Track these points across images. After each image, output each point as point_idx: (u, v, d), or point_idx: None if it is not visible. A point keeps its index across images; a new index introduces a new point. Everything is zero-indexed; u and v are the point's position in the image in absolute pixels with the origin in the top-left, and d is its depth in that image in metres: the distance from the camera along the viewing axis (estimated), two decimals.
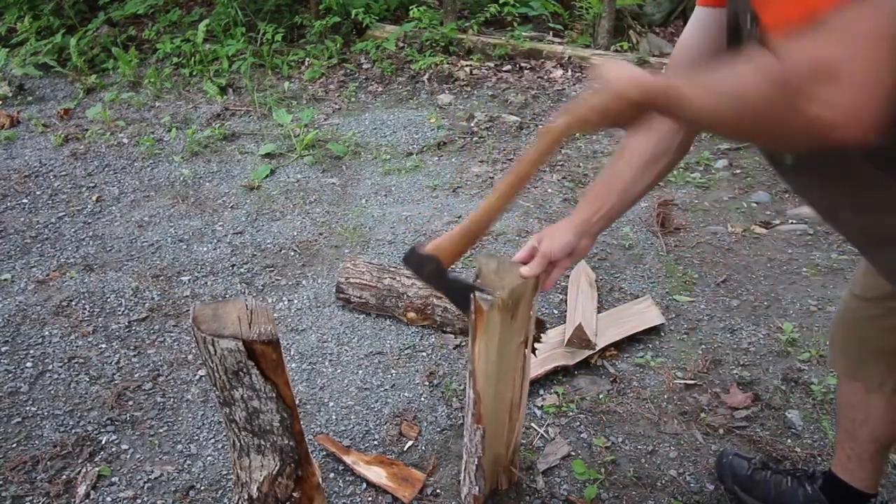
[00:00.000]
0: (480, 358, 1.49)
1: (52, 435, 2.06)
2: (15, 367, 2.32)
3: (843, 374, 1.55)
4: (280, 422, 1.36)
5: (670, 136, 1.35)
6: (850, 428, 1.56)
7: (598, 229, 1.41)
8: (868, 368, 1.47)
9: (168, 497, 1.86)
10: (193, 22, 5.57)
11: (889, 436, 1.53)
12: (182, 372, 2.32)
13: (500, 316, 1.42)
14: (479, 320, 1.43)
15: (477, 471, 1.67)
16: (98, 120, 4.33)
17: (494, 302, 1.39)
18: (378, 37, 5.42)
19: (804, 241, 3.01)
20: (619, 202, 1.39)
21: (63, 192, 3.55)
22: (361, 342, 2.45)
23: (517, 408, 1.65)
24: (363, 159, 3.89)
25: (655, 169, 1.37)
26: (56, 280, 2.81)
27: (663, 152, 1.36)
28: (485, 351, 1.48)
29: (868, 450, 1.55)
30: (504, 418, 1.64)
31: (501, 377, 1.55)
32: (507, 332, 1.47)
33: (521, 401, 1.65)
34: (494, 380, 1.53)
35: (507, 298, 1.40)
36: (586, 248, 1.41)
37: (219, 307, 1.31)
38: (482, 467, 1.67)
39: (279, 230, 3.19)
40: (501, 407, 1.61)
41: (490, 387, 1.54)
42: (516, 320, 1.46)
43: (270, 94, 4.70)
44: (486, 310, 1.40)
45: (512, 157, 3.84)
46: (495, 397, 1.57)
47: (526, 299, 1.45)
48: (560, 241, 1.38)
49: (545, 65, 5.12)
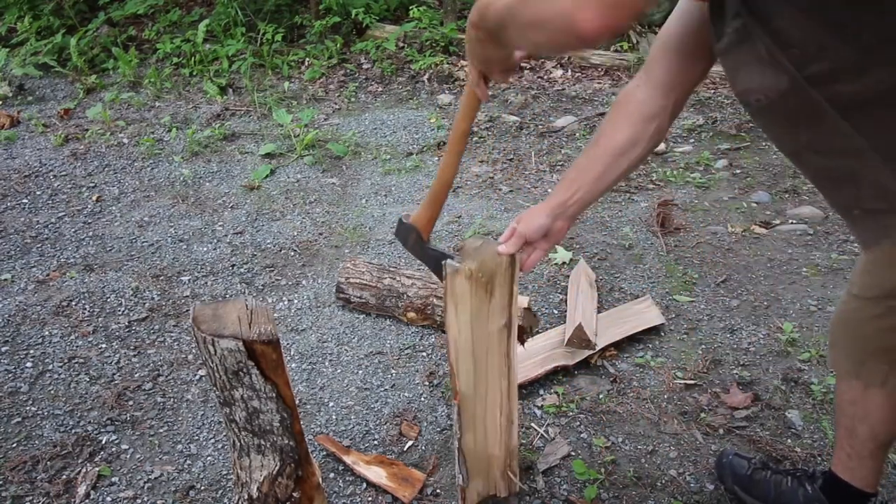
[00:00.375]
0: (451, 327, 1.51)
1: (52, 435, 2.06)
2: (15, 367, 2.32)
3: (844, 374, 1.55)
4: (280, 422, 1.36)
5: (644, 124, 1.39)
6: (850, 425, 1.55)
7: (573, 213, 1.46)
8: (870, 367, 1.47)
9: (168, 497, 1.86)
10: (193, 22, 5.58)
11: (887, 433, 1.53)
12: (182, 372, 2.32)
13: (469, 285, 1.45)
14: (447, 286, 1.47)
15: (459, 455, 1.65)
16: (98, 120, 4.33)
17: (460, 269, 1.43)
18: (378, 37, 5.42)
19: (804, 241, 3.01)
20: (593, 188, 1.44)
21: (63, 192, 3.55)
22: (361, 342, 2.45)
23: (507, 399, 1.63)
24: (363, 159, 3.89)
25: (629, 157, 1.41)
26: (56, 280, 2.81)
27: (637, 141, 1.40)
28: (455, 320, 1.49)
29: (867, 447, 1.55)
30: (494, 413, 1.63)
31: (480, 358, 1.55)
32: (481, 308, 1.48)
33: (509, 394, 1.63)
34: (471, 357, 1.54)
35: (475, 269, 1.43)
36: (561, 230, 1.47)
37: (219, 307, 1.31)
38: (463, 453, 1.65)
39: (279, 230, 3.19)
40: (485, 393, 1.60)
41: (466, 364, 1.55)
42: (494, 298, 1.48)
43: (270, 94, 4.70)
44: (450, 274, 1.44)
45: (512, 157, 3.84)
46: (475, 379, 1.57)
47: (502, 276, 1.46)
48: (535, 222, 1.43)
49: (545, 65, 5.12)
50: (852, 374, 1.52)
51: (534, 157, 3.84)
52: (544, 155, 3.87)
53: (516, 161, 3.80)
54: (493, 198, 3.42)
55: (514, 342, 1.59)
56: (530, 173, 3.67)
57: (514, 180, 3.60)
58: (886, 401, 1.49)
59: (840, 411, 1.58)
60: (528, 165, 3.75)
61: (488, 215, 3.23)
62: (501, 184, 3.56)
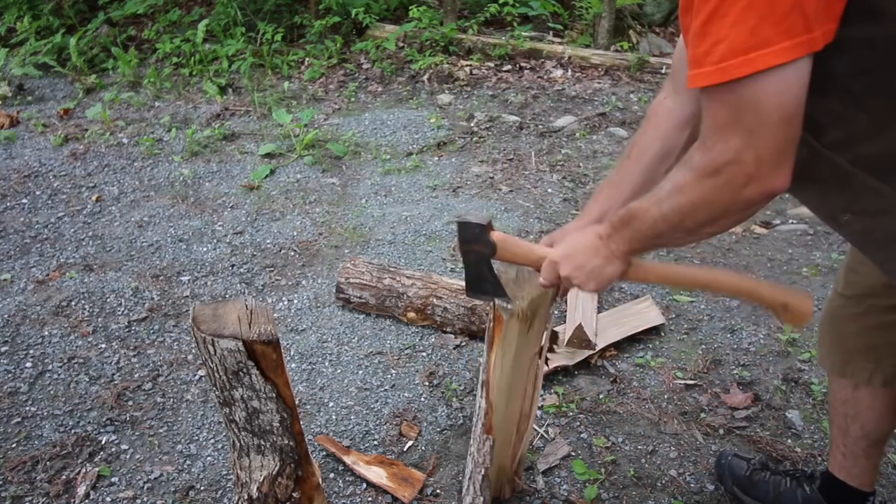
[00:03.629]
0: (496, 368, 1.47)
1: (51, 435, 2.06)
2: (15, 367, 2.32)
3: (831, 371, 1.56)
4: (280, 422, 1.36)
5: (677, 133, 1.35)
6: (843, 425, 1.56)
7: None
8: (855, 364, 1.48)
9: (168, 497, 1.86)
10: (193, 22, 5.57)
11: (879, 430, 1.53)
12: (182, 372, 2.32)
13: (518, 326, 1.41)
14: (497, 330, 1.42)
15: (483, 481, 1.65)
16: (98, 120, 4.33)
17: (514, 311, 1.37)
18: (378, 37, 5.42)
19: (804, 241, 3.01)
20: (628, 202, 1.38)
21: (63, 192, 3.55)
22: (361, 342, 2.45)
23: (526, 419, 1.63)
24: (363, 159, 3.89)
25: (664, 167, 1.36)
26: (56, 280, 2.80)
27: (671, 150, 1.35)
28: (500, 361, 1.46)
29: (860, 446, 1.55)
30: (512, 430, 1.63)
31: (514, 388, 1.52)
32: (523, 343, 1.45)
33: (530, 412, 1.62)
34: (507, 390, 1.51)
35: (526, 308, 1.39)
36: None
37: (219, 307, 1.31)
38: (489, 478, 1.65)
39: (279, 230, 3.19)
40: (511, 418, 1.59)
41: (503, 397, 1.52)
42: (532, 330, 1.44)
43: (270, 94, 4.70)
44: (506, 319, 1.39)
45: (512, 157, 3.84)
46: (507, 408, 1.55)
47: (543, 309, 1.43)
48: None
49: (545, 65, 5.12)
50: (839, 372, 1.53)
51: (534, 157, 3.84)
52: (544, 155, 3.87)
53: (516, 161, 3.80)
54: (493, 198, 3.42)
55: (542, 366, 1.57)
56: (530, 173, 3.67)
57: (514, 180, 3.60)
58: (874, 399, 1.49)
59: (833, 410, 1.58)
60: (528, 165, 3.75)
61: (488, 215, 3.23)
62: (501, 184, 3.56)
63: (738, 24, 0.86)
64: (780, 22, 0.85)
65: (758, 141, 0.92)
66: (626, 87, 4.74)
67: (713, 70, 0.90)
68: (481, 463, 1.63)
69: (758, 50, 0.86)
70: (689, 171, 1.01)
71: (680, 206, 1.04)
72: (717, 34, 0.88)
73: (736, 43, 0.87)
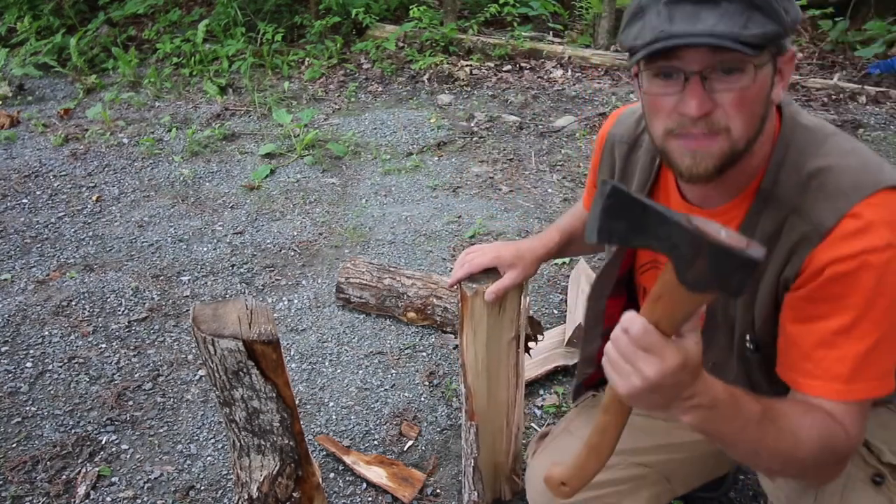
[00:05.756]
0: (469, 349, 1.50)
1: (52, 435, 2.06)
2: (15, 367, 2.32)
3: None
4: (280, 422, 1.36)
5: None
6: None
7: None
8: None
9: (168, 497, 1.86)
10: (193, 22, 5.58)
11: None
12: (182, 372, 2.32)
13: (485, 306, 1.43)
14: (464, 308, 1.45)
15: (474, 473, 1.66)
16: (98, 120, 4.33)
17: (478, 289, 1.41)
18: (378, 37, 5.42)
19: None
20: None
21: (63, 192, 3.55)
22: (361, 342, 2.45)
23: (513, 409, 1.64)
24: (363, 159, 3.89)
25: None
26: (56, 280, 2.81)
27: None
28: (473, 341, 1.49)
29: None
30: (501, 423, 1.63)
31: (493, 373, 1.54)
32: (495, 325, 1.47)
33: (516, 403, 1.64)
34: (486, 375, 1.53)
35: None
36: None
37: (219, 307, 1.31)
38: (479, 469, 1.66)
39: (279, 230, 3.19)
40: (496, 406, 1.60)
41: (482, 381, 1.54)
42: (505, 314, 1.47)
43: (270, 94, 4.70)
44: (470, 296, 1.42)
45: (512, 157, 3.84)
46: (488, 394, 1.57)
47: (513, 292, 1.45)
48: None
49: (545, 65, 5.13)
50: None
51: (534, 157, 3.84)
52: (544, 155, 3.87)
53: (516, 161, 3.80)
54: (493, 198, 3.42)
55: (522, 353, 1.59)
56: (530, 173, 3.67)
57: (514, 180, 3.60)
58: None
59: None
60: (528, 165, 3.75)
61: (488, 215, 3.23)
62: (501, 184, 3.56)
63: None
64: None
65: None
66: (626, 88, 4.74)
67: (877, 385, 0.97)
68: (470, 454, 1.64)
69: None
70: (830, 451, 0.98)
71: (793, 467, 0.99)
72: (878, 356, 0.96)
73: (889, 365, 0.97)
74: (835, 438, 0.96)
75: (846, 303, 0.95)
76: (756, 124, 0.97)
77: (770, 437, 0.93)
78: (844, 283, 0.94)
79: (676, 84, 0.95)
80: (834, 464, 0.99)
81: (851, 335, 0.95)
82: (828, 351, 0.97)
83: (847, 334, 0.95)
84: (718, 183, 1.03)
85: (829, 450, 0.96)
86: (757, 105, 0.96)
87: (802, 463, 0.96)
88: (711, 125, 0.95)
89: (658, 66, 0.96)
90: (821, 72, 4.82)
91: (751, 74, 0.92)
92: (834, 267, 0.94)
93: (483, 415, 1.59)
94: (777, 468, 0.99)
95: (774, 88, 0.99)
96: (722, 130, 0.95)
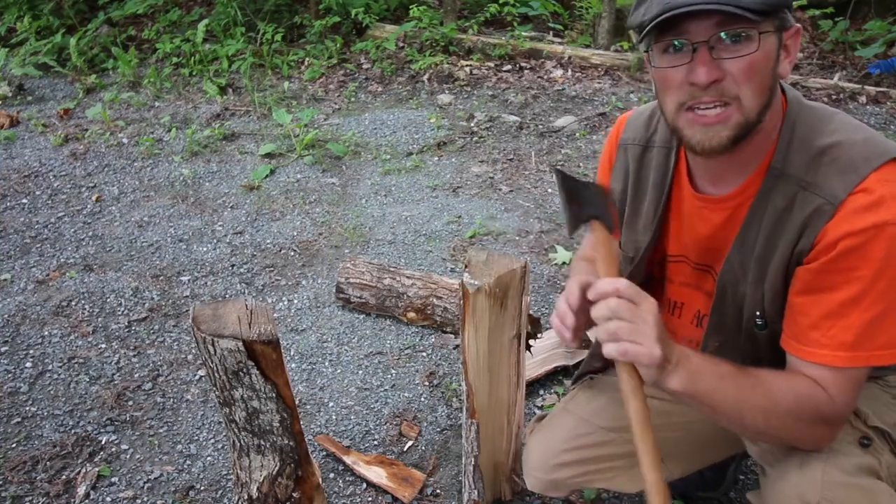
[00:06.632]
0: (470, 346, 1.50)
1: (51, 435, 2.06)
2: (15, 367, 2.32)
3: None
4: (280, 422, 1.36)
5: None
6: None
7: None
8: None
9: (168, 497, 1.86)
10: (193, 22, 5.58)
11: None
12: (182, 372, 2.32)
13: (487, 302, 1.43)
14: (465, 304, 1.45)
15: (475, 472, 1.66)
16: (98, 120, 4.33)
17: (481, 286, 1.41)
18: (378, 37, 5.42)
19: None
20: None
21: (63, 192, 3.55)
22: (361, 342, 2.45)
23: (514, 408, 1.64)
24: (363, 159, 3.89)
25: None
26: (56, 280, 2.80)
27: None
28: (474, 338, 1.48)
29: None
30: (501, 421, 1.63)
31: (494, 370, 1.54)
32: (496, 322, 1.47)
33: (517, 401, 1.64)
34: (487, 372, 1.53)
35: (493, 285, 1.42)
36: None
37: (219, 307, 1.31)
38: (480, 468, 1.66)
39: (279, 230, 3.19)
40: (497, 404, 1.60)
41: (483, 379, 1.54)
42: (506, 311, 1.46)
43: (270, 94, 4.70)
44: (472, 293, 1.42)
45: (512, 157, 3.84)
46: (489, 392, 1.57)
47: (514, 289, 1.45)
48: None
49: (545, 65, 5.12)
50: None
51: (534, 157, 3.84)
52: (544, 155, 3.87)
53: (516, 161, 3.80)
54: (493, 198, 3.42)
55: (524, 352, 1.58)
56: (530, 173, 3.67)
57: (514, 180, 3.60)
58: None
59: None
60: (528, 165, 3.75)
61: (488, 215, 3.23)
62: (501, 184, 3.56)
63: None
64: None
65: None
66: (626, 88, 4.74)
67: (867, 355, 1.00)
68: (470, 452, 1.64)
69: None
70: (811, 410, 1.02)
71: (776, 425, 1.03)
72: (880, 326, 0.99)
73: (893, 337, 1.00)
74: (815, 398, 1.01)
75: (856, 274, 0.98)
76: (766, 95, 1.00)
77: (747, 390, 1.01)
78: (856, 256, 0.97)
79: (685, 56, 0.99)
80: (819, 424, 1.03)
81: (860, 305, 0.98)
82: (836, 320, 1.00)
83: (856, 304, 0.99)
84: (731, 160, 1.07)
85: (809, 409, 1.01)
86: (765, 75, 0.99)
87: (784, 421, 1.01)
88: (721, 92, 0.98)
89: (667, 41, 1.00)
90: (821, 72, 4.82)
91: (756, 42, 0.96)
92: (847, 241, 0.97)
93: (484, 413, 1.59)
94: (761, 426, 1.03)
95: (781, 63, 1.02)
96: (733, 100, 0.99)
